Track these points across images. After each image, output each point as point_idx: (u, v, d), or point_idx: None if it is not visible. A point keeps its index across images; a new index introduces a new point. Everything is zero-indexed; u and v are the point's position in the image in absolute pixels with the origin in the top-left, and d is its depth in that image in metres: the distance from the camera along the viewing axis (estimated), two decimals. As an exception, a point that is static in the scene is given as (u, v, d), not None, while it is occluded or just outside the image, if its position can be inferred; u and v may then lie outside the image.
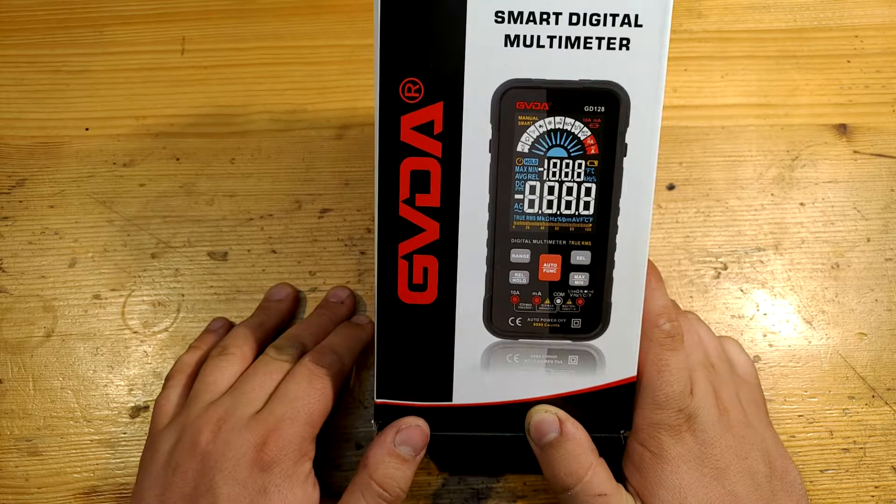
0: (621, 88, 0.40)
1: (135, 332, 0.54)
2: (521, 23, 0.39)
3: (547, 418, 0.43)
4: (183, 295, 0.55)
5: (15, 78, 0.61)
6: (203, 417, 0.44)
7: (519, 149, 0.41)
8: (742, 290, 0.56)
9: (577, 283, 0.43)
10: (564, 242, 0.42)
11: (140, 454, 0.52)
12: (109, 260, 0.56)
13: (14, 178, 0.58)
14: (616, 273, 0.43)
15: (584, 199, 0.41)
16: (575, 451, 0.42)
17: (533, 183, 0.41)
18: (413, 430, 0.43)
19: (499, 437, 0.45)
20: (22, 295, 0.55)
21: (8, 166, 0.58)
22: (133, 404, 0.53)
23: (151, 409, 0.49)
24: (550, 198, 0.42)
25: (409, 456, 0.43)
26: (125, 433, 0.52)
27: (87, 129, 0.59)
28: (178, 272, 0.56)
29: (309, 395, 0.45)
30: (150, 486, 0.43)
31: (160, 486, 0.43)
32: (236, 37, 0.62)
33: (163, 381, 0.51)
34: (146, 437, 0.47)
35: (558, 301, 0.43)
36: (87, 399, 0.53)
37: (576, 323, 0.43)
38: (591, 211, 0.42)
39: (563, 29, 0.39)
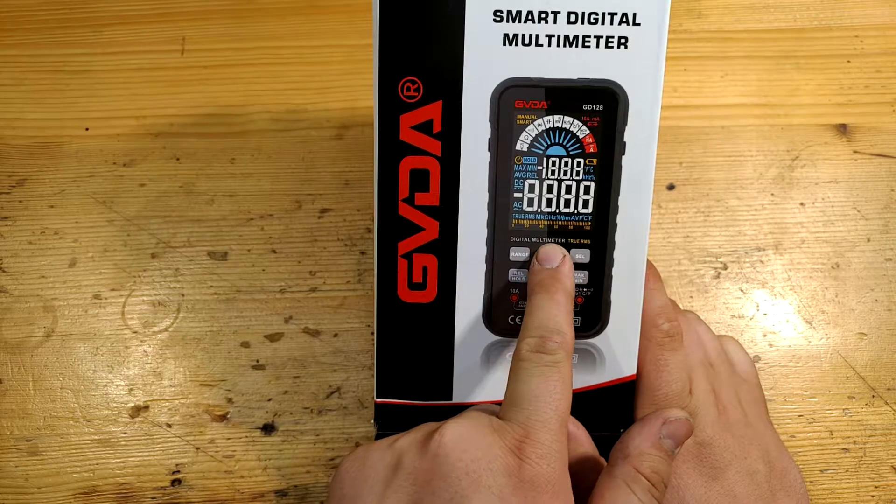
0: (620, 87, 0.40)
1: (135, 332, 0.54)
2: (520, 22, 0.39)
3: None
4: (183, 295, 0.55)
5: (15, 78, 0.61)
6: None
7: (518, 147, 0.41)
8: (742, 290, 0.56)
9: (576, 281, 0.43)
10: (563, 241, 0.42)
11: (140, 454, 0.52)
12: (109, 260, 0.56)
13: (14, 178, 0.58)
14: (615, 271, 0.43)
15: (583, 197, 0.42)
16: (576, 450, 0.42)
17: (532, 181, 0.41)
18: (682, 425, 0.40)
19: None
20: (22, 295, 0.55)
21: (8, 166, 0.58)
22: (133, 404, 0.53)
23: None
24: (549, 196, 0.42)
25: (671, 450, 0.39)
26: (125, 433, 0.52)
27: (87, 129, 0.59)
28: (178, 272, 0.56)
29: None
30: None
31: None
32: (236, 37, 0.62)
33: (162, 380, 0.51)
34: None
35: (558, 300, 0.43)
36: (87, 399, 0.53)
37: (575, 321, 0.43)
38: (590, 209, 0.42)
39: (562, 28, 0.39)
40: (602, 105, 0.40)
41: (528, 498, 0.35)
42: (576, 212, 0.42)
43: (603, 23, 0.39)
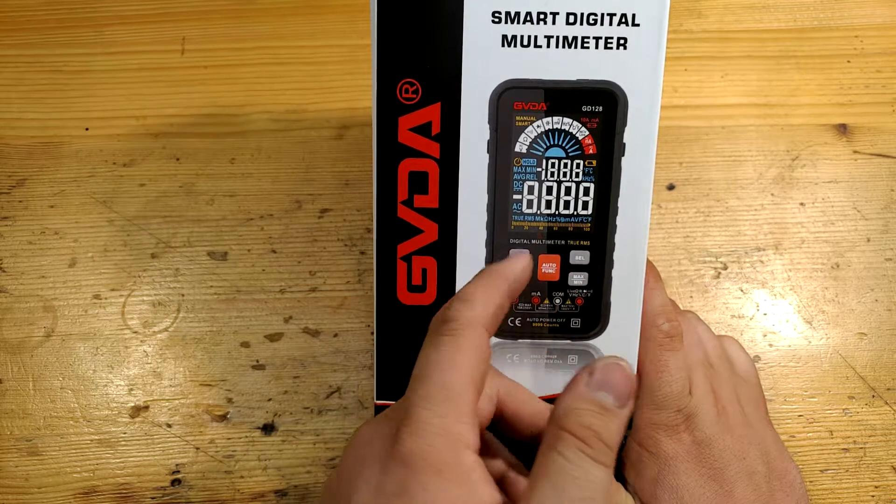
0: (619, 88, 0.40)
1: (135, 332, 0.55)
2: (519, 23, 0.39)
3: None
4: (183, 295, 0.55)
5: (15, 78, 0.61)
6: None
7: (517, 149, 0.41)
8: (742, 290, 0.56)
9: (576, 282, 0.43)
10: (563, 242, 0.42)
11: (140, 454, 0.52)
12: (109, 260, 0.56)
13: (14, 178, 0.58)
14: (615, 272, 0.43)
15: (582, 198, 0.41)
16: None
17: (531, 183, 0.41)
18: (612, 370, 0.33)
19: (499, 437, 0.45)
20: (22, 295, 0.55)
21: (8, 166, 0.58)
22: (133, 404, 0.53)
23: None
24: (549, 198, 0.42)
25: (610, 404, 0.33)
26: (125, 433, 0.52)
27: (87, 129, 0.59)
28: (178, 272, 0.56)
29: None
30: None
31: None
32: (236, 37, 0.62)
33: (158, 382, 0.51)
34: None
35: (557, 301, 0.43)
36: (87, 399, 0.53)
37: (575, 322, 0.43)
38: (590, 211, 0.42)
39: (561, 29, 0.39)
40: (601, 106, 0.40)
41: (401, 477, 0.32)
42: (575, 213, 0.42)
43: (602, 24, 0.39)
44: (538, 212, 0.42)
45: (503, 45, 0.39)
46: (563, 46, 0.39)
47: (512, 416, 0.41)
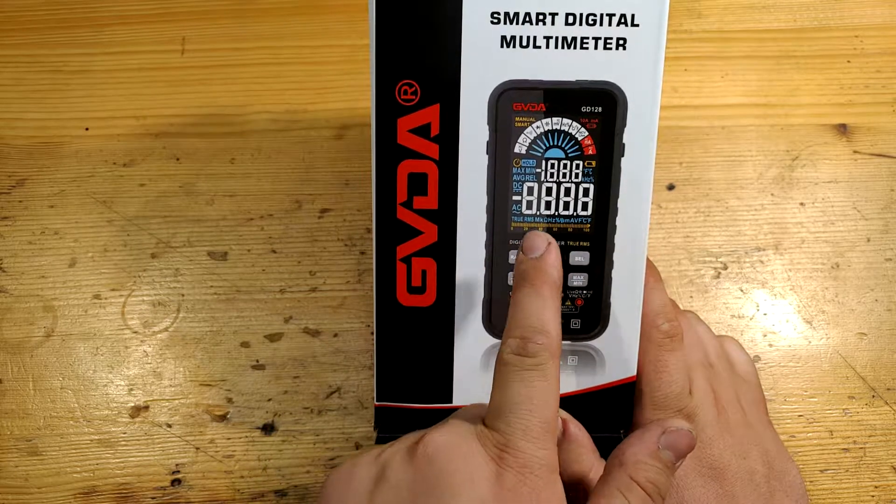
0: (618, 88, 0.40)
1: (135, 332, 0.55)
2: (518, 24, 0.39)
3: None
4: (183, 295, 0.55)
5: (15, 78, 0.61)
6: None
7: (516, 150, 0.41)
8: (742, 290, 0.56)
9: (575, 283, 0.43)
10: (563, 243, 0.42)
11: (140, 454, 0.52)
12: (109, 260, 0.56)
13: (14, 178, 0.58)
14: (615, 273, 0.43)
15: (582, 199, 0.41)
16: (577, 452, 0.42)
17: (531, 184, 0.41)
18: (683, 436, 0.38)
19: None
20: (22, 295, 0.55)
21: (8, 166, 0.58)
22: (133, 404, 0.53)
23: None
24: (548, 199, 0.42)
25: (671, 462, 0.37)
26: (125, 433, 0.52)
27: (87, 129, 0.59)
28: (178, 272, 0.56)
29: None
30: None
31: None
32: (236, 37, 0.62)
33: (160, 381, 0.51)
34: None
35: (557, 302, 0.43)
36: (87, 399, 0.53)
37: (575, 323, 0.43)
38: (590, 211, 0.42)
39: (560, 29, 0.39)
40: (601, 107, 0.40)
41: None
42: (575, 214, 0.42)
43: (601, 24, 0.39)
44: (538, 213, 0.42)
45: (502, 46, 0.39)
46: (563, 47, 0.39)
47: None
